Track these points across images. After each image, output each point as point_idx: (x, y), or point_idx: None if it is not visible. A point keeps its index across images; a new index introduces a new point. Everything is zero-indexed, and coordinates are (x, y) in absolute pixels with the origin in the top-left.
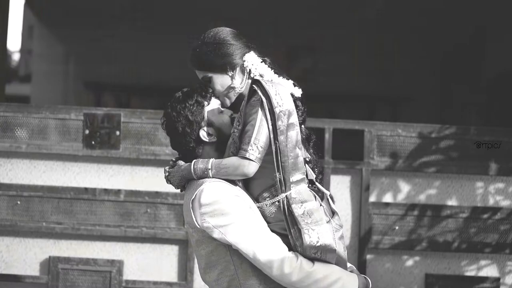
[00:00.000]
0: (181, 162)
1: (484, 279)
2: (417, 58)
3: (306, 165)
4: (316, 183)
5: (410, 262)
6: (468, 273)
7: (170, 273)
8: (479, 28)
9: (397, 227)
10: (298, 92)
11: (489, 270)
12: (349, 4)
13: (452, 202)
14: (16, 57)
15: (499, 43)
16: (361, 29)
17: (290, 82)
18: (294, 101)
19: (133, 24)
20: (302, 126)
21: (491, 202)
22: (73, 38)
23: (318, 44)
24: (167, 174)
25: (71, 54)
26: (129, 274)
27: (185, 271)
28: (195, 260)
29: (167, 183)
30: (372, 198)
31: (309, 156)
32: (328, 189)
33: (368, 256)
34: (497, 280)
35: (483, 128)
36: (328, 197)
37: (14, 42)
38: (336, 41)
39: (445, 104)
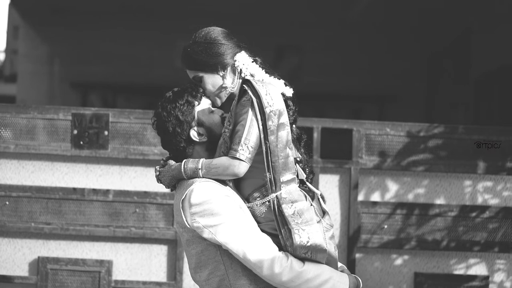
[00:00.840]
0: (171, 162)
1: (473, 277)
2: (404, 57)
3: (297, 164)
4: (307, 183)
5: (399, 261)
6: (457, 272)
7: (159, 273)
8: (465, 28)
9: (386, 226)
10: (289, 92)
11: (478, 269)
12: (336, 3)
13: (440, 200)
14: (1, 57)
15: (485, 43)
16: (347, 29)
17: (282, 81)
18: (285, 101)
19: (119, 24)
20: (293, 125)
21: (479, 200)
22: (58, 38)
23: (304, 43)
24: (157, 173)
25: (56, 54)
26: (118, 274)
27: (174, 271)
28: (184, 260)
29: (158, 182)
30: (361, 197)
31: (299, 155)
32: (316, 188)
33: (357, 255)
34: (486, 278)
35: (472, 127)
36: (319, 197)
37: None
38: (322, 40)
39: (432, 103)
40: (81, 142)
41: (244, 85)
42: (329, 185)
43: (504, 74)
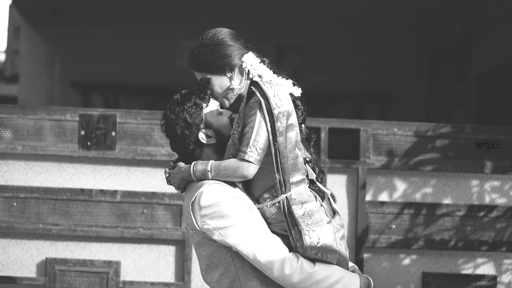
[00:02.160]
0: (181, 164)
1: (481, 277)
2: (404, 57)
3: (307, 165)
4: (317, 183)
5: (407, 261)
6: (465, 272)
7: (167, 274)
8: (465, 27)
9: (393, 226)
10: (297, 92)
11: (486, 268)
12: (336, 3)
13: (448, 200)
14: (2, 57)
15: (485, 42)
16: (347, 28)
17: (290, 81)
18: (294, 101)
19: (120, 23)
20: (302, 125)
21: (487, 200)
22: (60, 38)
23: (305, 43)
24: (167, 175)
25: (58, 54)
26: (126, 275)
27: (182, 272)
28: (192, 261)
29: (168, 184)
30: (369, 197)
31: (309, 155)
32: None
33: (365, 255)
34: (494, 278)
35: (479, 127)
36: (329, 197)
37: (0, 42)
38: (323, 40)
39: (432, 102)
40: (89, 143)
41: (252, 87)
42: (336, 185)
43: (504, 73)
